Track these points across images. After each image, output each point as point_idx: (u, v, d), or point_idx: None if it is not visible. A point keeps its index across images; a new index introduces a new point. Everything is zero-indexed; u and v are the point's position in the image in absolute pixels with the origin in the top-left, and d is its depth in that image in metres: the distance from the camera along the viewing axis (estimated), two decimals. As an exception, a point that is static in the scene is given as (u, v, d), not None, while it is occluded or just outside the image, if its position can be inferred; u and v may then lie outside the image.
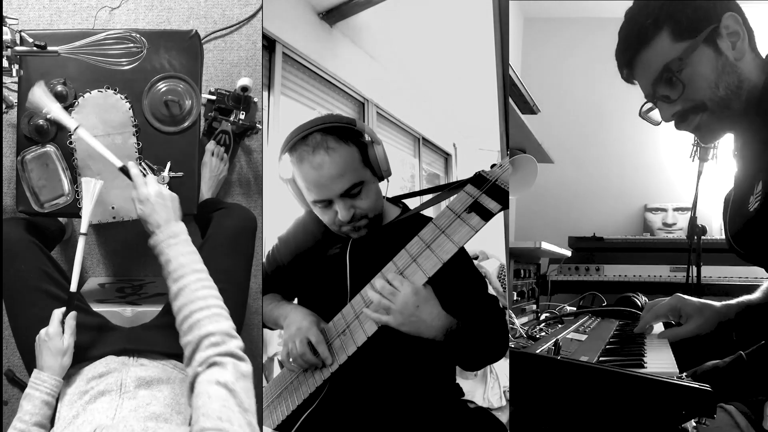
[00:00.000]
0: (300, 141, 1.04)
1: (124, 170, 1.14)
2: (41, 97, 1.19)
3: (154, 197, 1.08)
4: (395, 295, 0.95)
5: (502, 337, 1.06)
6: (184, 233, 1.07)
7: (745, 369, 1.08)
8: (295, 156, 1.05)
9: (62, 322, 1.10)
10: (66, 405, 1.05)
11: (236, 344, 0.91)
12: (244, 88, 1.54)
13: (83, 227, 1.18)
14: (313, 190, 1.05)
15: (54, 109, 1.19)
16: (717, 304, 1.18)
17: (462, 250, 1.09)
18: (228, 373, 0.85)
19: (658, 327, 1.35)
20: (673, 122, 1.04)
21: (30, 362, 1.16)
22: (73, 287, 1.14)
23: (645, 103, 1.07)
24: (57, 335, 1.08)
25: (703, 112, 0.99)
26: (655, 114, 1.07)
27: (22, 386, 1.32)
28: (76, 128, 1.18)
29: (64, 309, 1.11)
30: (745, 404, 0.88)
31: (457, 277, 1.05)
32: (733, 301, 1.18)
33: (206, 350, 0.89)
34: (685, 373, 1.05)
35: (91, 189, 1.18)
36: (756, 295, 1.19)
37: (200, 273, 1.01)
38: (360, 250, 1.11)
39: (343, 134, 1.05)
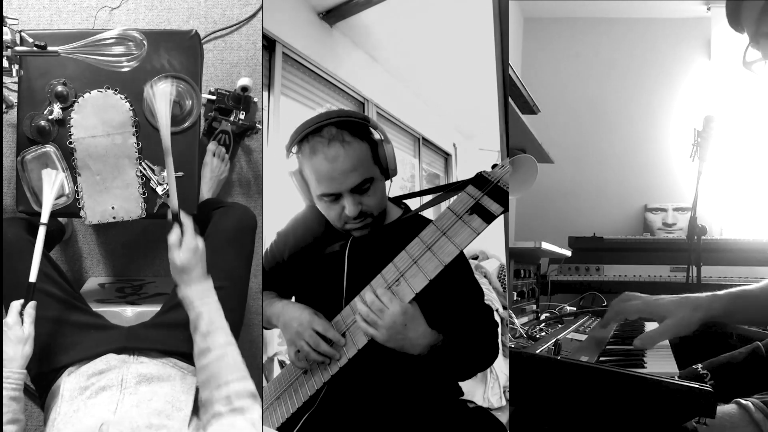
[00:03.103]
0: (313, 133, 1.03)
1: (175, 215, 1.13)
2: (165, 113, 1.19)
3: (201, 250, 1.10)
4: (383, 312, 0.95)
5: (491, 349, 1.08)
6: (212, 289, 1.10)
7: (763, 363, 1.05)
8: (308, 147, 1.03)
9: (21, 313, 1.09)
10: (66, 401, 1.05)
11: (258, 409, 0.97)
12: (244, 88, 1.54)
13: (44, 217, 1.18)
14: (323, 183, 1.03)
15: (163, 128, 1.17)
16: (694, 296, 1.07)
17: (461, 255, 1.09)
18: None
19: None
20: None
21: (29, 363, 1.16)
22: (32, 278, 1.13)
23: (747, 48, 0.97)
24: (16, 324, 1.07)
25: None
26: (759, 66, 0.97)
27: (27, 391, 1.32)
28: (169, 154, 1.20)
29: (22, 300, 1.11)
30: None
31: (454, 285, 1.05)
32: (721, 292, 1.08)
33: (226, 406, 0.96)
34: (700, 365, 1.04)
35: (51, 180, 1.21)
36: (748, 286, 1.11)
37: (227, 330, 1.06)
38: (359, 250, 1.11)
39: (356, 130, 1.04)
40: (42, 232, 1.16)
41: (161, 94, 1.18)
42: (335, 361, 1.02)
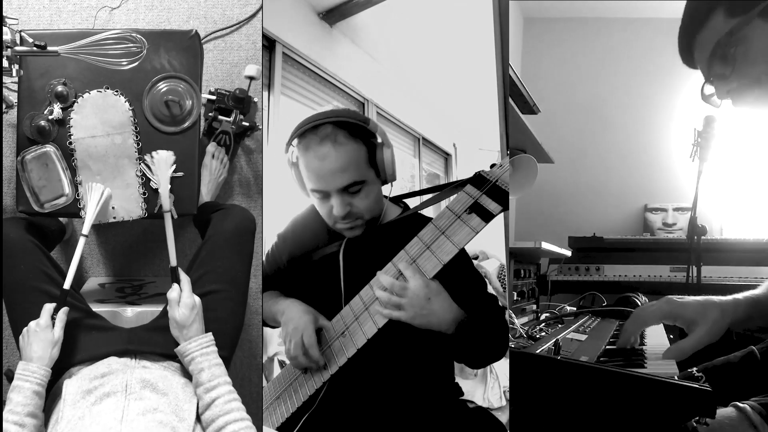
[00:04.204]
0: (310, 129, 1.04)
1: (173, 270, 1.20)
2: (165, 179, 1.24)
3: (198, 306, 1.16)
4: (406, 289, 0.94)
5: (503, 335, 1.06)
6: (213, 343, 1.14)
7: (759, 366, 1.05)
8: (303, 143, 1.04)
9: (53, 316, 1.12)
10: (69, 405, 1.04)
11: None
12: (251, 78, 1.55)
13: (85, 229, 1.20)
14: (312, 180, 1.05)
15: (164, 193, 1.23)
16: (718, 300, 1.02)
17: (461, 250, 1.09)
18: None
19: (658, 334, 1.33)
20: (730, 102, 0.99)
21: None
22: (67, 284, 1.15)
23: (704, 84, 1.02)
24: (48, 327, 1.10)
25: (758, 86, 0.94)
26: (716, 101, 1.02)
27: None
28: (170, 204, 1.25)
29: (54, 304, 1.13)
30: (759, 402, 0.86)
31: (457, 277, 1.05)
32: (740, 296, 1.04)
33: None
34: (695, 368, 1.03)
35: (97, 194, 1.23)
36: (759, 290, 1.09)
37: (230, 385, 1.10)
38: (354, 250, 1.11)
39: (354, 131, 1.05)
40: (81, 243, 1.20)
41: (161, 161, 1.24)
42: (335, 361, 1.02)
